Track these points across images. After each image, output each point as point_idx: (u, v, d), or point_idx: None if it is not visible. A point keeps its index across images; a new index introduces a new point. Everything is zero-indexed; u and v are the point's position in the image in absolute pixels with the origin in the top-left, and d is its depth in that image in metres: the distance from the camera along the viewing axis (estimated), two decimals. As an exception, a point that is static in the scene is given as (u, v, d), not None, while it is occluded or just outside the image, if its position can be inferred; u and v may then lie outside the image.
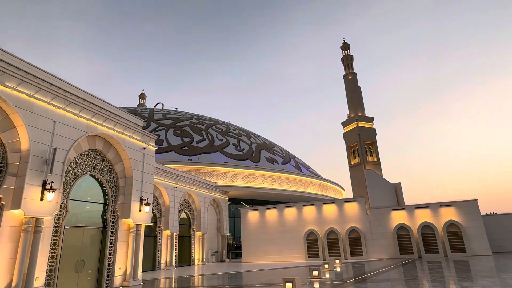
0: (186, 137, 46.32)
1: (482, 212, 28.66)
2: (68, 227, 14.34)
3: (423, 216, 28.78)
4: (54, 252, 13.39)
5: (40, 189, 12.34)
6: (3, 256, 11.31)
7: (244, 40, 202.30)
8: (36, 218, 12.23)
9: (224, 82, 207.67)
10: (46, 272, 12.81)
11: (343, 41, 44.41)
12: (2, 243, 11.32)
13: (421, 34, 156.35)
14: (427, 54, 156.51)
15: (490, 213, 33.04)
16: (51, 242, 13.17)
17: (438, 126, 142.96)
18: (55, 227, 13.57)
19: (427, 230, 28.25)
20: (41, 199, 12.29)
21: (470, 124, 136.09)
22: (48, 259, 12.99)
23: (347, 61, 43.63)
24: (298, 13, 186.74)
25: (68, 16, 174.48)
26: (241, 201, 43.28)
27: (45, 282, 12.63)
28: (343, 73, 43.43)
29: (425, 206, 29.08)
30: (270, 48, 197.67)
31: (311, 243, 31.22)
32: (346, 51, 44.25)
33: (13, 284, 11.28)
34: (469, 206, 27.85)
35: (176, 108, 66.84)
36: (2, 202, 11.65)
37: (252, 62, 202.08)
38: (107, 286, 15.56)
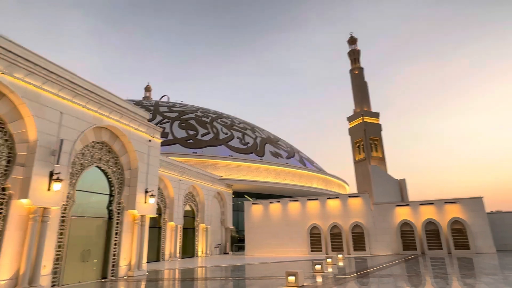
0: (191, 130, 46.46)
1: (487, 210, 28.46)
2: (74, 217, 14.55)
3: (428, 212, 28.67)
4: (61, 242, 13.60)
5: (47, 179, 12.50)
6: (12, 245, 11.53)
7: (251, 32, 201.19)
8: (43, 207, 12.43)
9: (230, 75, 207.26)
10: (53, 261, 13.03)
11: (350, 35, 43.93)
12: (10, 232, 11.53)
13: (430, 29, 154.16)
14: (435, 50, 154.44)
15: (496, 210, 32.82)
16: (58, 232, 13.37)
17: (445, 122, 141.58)
18: (62, 217, 13.77)
19: (431, 226, 28.17)
20: (48, 189, 12.46)
21: (477, 121, 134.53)
22: (55, 248, 13.20)
23: (354, 55, 43.14)
24: (305, 7, 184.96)
25: (75, 7, 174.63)
26: (245, 195, 43.44)
27: (52, 271, 12.87)
28: (350, 67, 43.04)
29: (430, 202, 28.97)
30: (276, 41, 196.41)
31: (314, 238, 31.33)
32: (353, 45, 43.78)
33: (21, 272, 11.52)
34: (474, 204, 27.67)
35: (181, 101, 66.89)
36: (10, 191, 11.84)
37: (258, 55, 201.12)
38: (112, 276, 15.81)
